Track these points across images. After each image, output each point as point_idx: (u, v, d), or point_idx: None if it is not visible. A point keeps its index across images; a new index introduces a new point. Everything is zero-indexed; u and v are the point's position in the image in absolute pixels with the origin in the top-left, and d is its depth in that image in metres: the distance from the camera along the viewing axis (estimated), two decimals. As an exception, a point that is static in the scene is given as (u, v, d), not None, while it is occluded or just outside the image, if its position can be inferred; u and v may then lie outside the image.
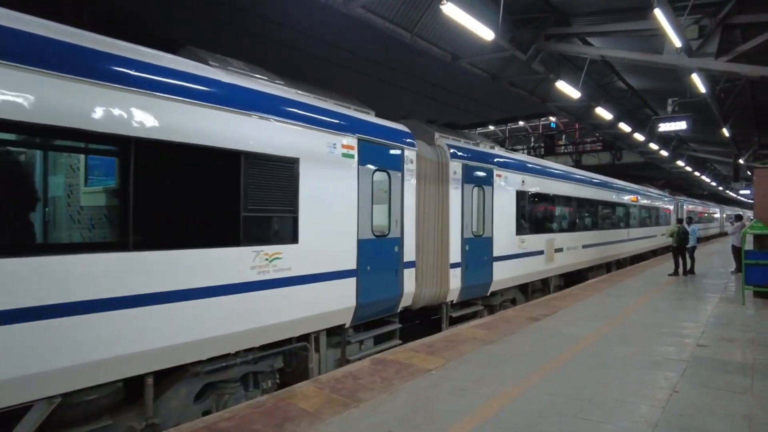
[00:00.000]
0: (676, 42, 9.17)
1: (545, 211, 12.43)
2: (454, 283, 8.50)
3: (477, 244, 9.11)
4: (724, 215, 52.39)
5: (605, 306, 9.84)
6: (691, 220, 16.59)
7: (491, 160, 9.78)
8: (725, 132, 17.75)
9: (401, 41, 10.23)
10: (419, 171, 7.80)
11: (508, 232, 10.20)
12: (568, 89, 12.84)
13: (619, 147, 28.92)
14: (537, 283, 12.06)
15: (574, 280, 14.15)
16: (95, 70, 3.93)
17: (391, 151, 7.27)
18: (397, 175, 7.32)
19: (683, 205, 31.08)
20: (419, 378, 5.43)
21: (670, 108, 13.96)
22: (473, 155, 9.18)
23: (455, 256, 8.53)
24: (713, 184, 40.73)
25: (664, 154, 24.47)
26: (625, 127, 18.31)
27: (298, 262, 5.60)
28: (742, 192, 37.21)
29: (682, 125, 13.62)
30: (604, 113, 15.87)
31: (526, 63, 11.77)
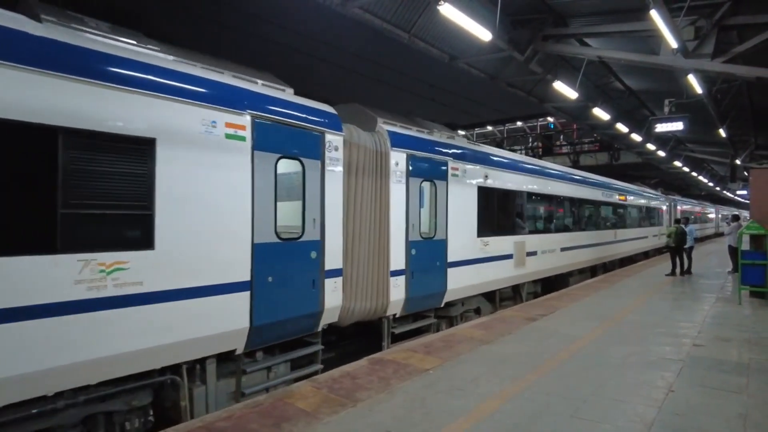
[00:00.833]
0: (673, 43, 9.21)
1: (515, 210, 11.03)
2: (397, 293, 7.33)
3: (427, 247, 8.00)
4: (720, 215, 51.75)
5: (602, 306, 9.87)
6: (688, 220, 16.63)
7: (445, 151, 8.58)
8: (722, 132, 17.83)
9: (399, 42, 10.26)
10: (349, 160, 6.61)
11: (468, 233, 9.08)
12: (566, 90, 12.88)
13: (616, 147, 29.02)
14: (507, 291, 10.96)
15: (554, 286, 13.20)
16: None
17: (306, 135, 5.93)
18: (315, 164, 6.04)
19: (677, 205, 30.19)
20: (416, 378, 5.45)
21: (666, 109, 14.03)
22: (422, 145, 8.02)
23: (398, 262, 7.37)
24: (710, 184, 40.88)
25: (662, 154, 24.56)
26: (622, 127, 18.38)
27: (154, 273, 4.39)
28: (739, 192, 37.33)
29: (678, 126, 13.67)
30: (601, 114, 15.92)
31: (524, 63, 11.80)
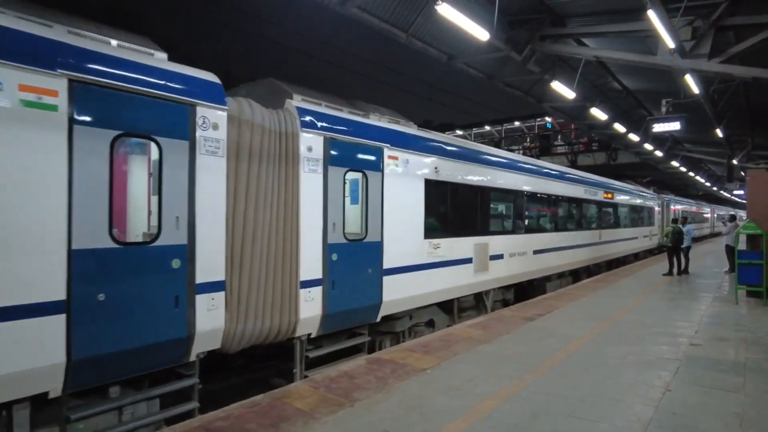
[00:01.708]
0: (670, 43, 9.24)
1: (474, 207, 9.55)
2: (310, 309, 6.00)
3: (354, 252, 6.66)
4: (715, 215, 50.62)
5: (600, 306, 9.88)
6: (686, 220, 16.65)
7: (379, 135, 7.15)
8: (719, 133, 17.89)
9: (397, 41, 10.27)
10: (239, 143, 5.28)
11: (412, 235, 7.75)
12: (563, 90, 12.91)
13: (614, 147, 29.12)
14: (468, 299, 9.53)
15: (529, 292, 11.94)
16: None
17: (164, 108, 4.65)
18: (180, 146, 4.74)
19: (670, 204, 28.79)
20: (414, 377, 5.45)
21: (664, 109, 14.07)
22: (346, 127, 6.62)
23: (312, 270, 6.04)
24: (707, 184, 41.03)
25: (659, 154, 24.65)
26: (620, 127, 18.43)
27: None
28: (736, 192, 37.42)
29: (676, 126, 13.72)
30: (599, 113, 15.97)
31: (522, 63, 11.83)
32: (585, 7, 10.62)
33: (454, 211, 8.94)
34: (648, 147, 22.69)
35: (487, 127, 38.35)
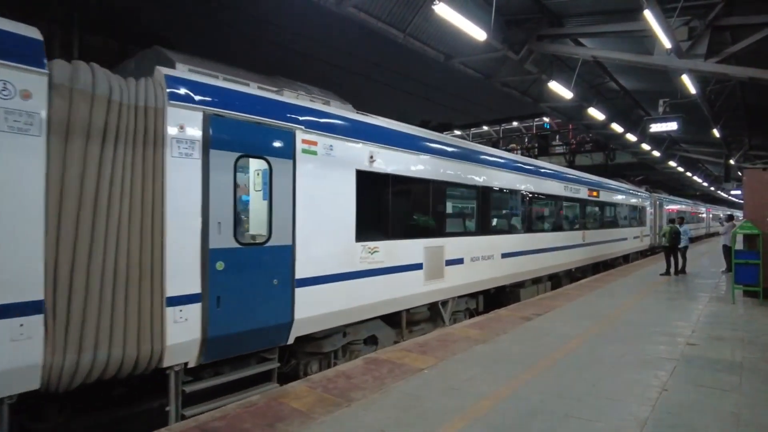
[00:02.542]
0: (666, 43, 9.26)
1: (424, 205, 8.24)
2: (184, 332, 4.78)
3: (252, 258, 5.36)
4: (710, 215, 49.17)
5: (597, 305, 9.90)
6: (683, 220, 16.68)
7: (290, 115, 5.82)
8: (716, 133, 17.96)
9: (394, 41, 10.27)
10: (70, 119, 4.14)
11: (339, 237, 6.45)
12: (561, 89, 12.94)
13: (612, 148, 29.20)
14: (420, 311, 8.21)
15: (501, 300, 10.84)
16: None
17: None
18: None
19: (663, 204, 27.47)
20: (411, 377, 5.44)
21: (661, 109, 14.12)
22: (238, 102, 5.29)
23: (184, 284, 4.82)
24: (705, 184, 41.17)
25: (657, 154, 24.72)
26: (617, 127, 18.48)
27: None
28: (733, 192, 37.55)
29: (673, 126, 13.77)
30: (596, 113, 16.00)
31: (519, 63, 11.85)
32: (582, 7, 10.66)
33: (397, 208, 7.60)
34: (645, 147, 22.76)
35: (485, 128, 38.40)
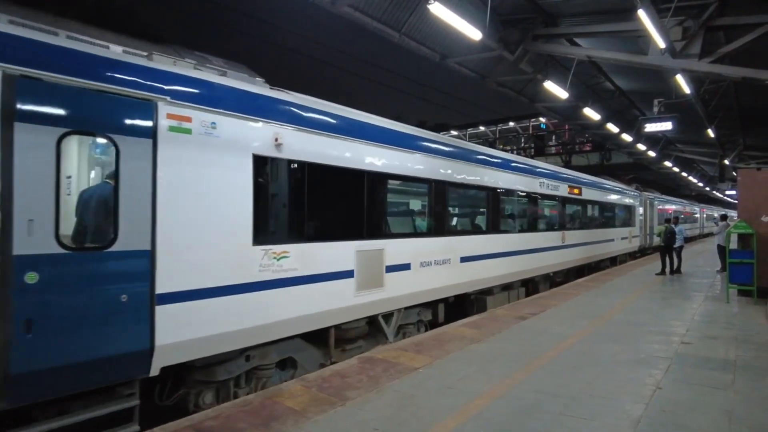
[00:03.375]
0: (660, 43, 9.31)
1: (356, 200, 6.80)
2: None
3: (85, 267, 4.06)
4: (704, 215, 48.43)
5: (593, 305, 9.92)
6: (678, 220, 16.73)
7: (148, 81, 4.51)
8: (710, 133, 18.04)
9: (390, 41, 10.28)
10: None
11: (224, 239, 5.05)
12: (556, 89, 12.97)
13: (608, 148, 29.31)
14: (356, 326, 6.85)
15: (467, 309, 9.67)
16: None
17: None
18: None
19: (654, 203, 26.21)
20: (406, 376, 5.44)
21: (656, 109, 14.17)
22: (69, 61, 4.00)
23: None
24: (700, 184, 41.38)
25: (652, 154, 24.83)
26: (612, 127, 18.55)
27: None
28: (727, 192, 37.76)
29: (667, 126, 13.83)
30: (591, 113, 16.05)
31: (514, 63, 11.88)
32: (577, 7, 10.69)
33: (316, 205, 6.12)
34: (641, 147, 22.85)
35: (482, 128, 38.48)
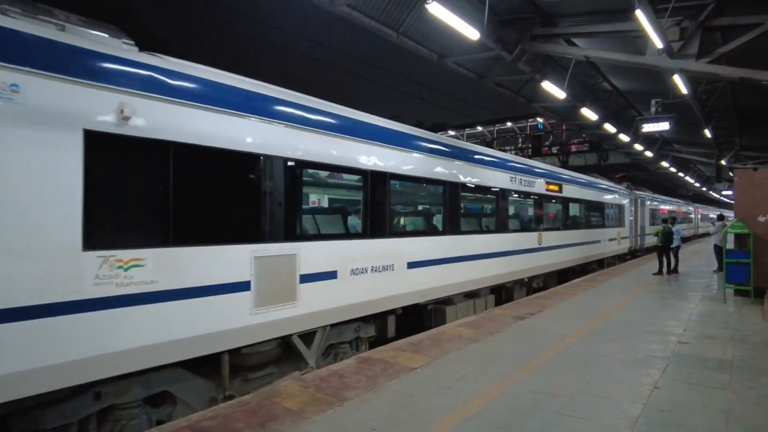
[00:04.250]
0: (658, 43, 9.32)
1: (252, 193, 5.39)
2: None
3: None
4: (699, 216, 47.53)
5: (590, 304, 9.93)
6: (675, 220, 16.76)
7: None
8: (707, 133, 18.09)
9: (388, 41, 10.27)
10: None
11: (37, 243, 3.69)
12: (554, 90, 12.98)
13: (605, 148, 29.37)
14: (257, 350, 5.54)
15: (424, 322, 8.56)
16: None
17: None
18: None
19: (646, 203, 25.06)
20: (404, 376, 5.43)
21: (653, 109, 14.20)
22: None
23: None
24: (697, 184, 41.51)
25: (649, 155, 24.88)
26: (610, 127, 18.57)
27: None
28: (724, 192, 37.85)
29: (665, 126, 13.85)
30: (589, 114, 16.08)
31: (512, 63, 11.88)
32: (575, 7, 10.70)
33: (187, 197, 4.76)
34: (638, 147, 22.90)
35: (480, 128, 38.51)
